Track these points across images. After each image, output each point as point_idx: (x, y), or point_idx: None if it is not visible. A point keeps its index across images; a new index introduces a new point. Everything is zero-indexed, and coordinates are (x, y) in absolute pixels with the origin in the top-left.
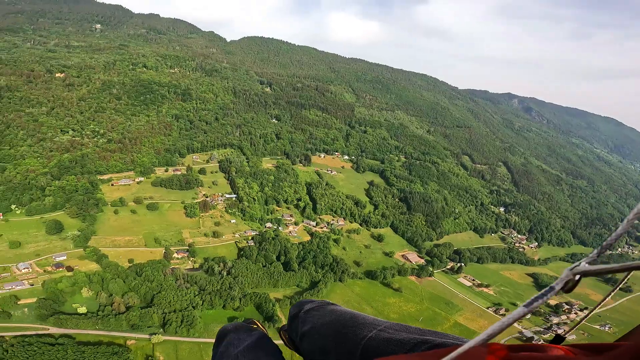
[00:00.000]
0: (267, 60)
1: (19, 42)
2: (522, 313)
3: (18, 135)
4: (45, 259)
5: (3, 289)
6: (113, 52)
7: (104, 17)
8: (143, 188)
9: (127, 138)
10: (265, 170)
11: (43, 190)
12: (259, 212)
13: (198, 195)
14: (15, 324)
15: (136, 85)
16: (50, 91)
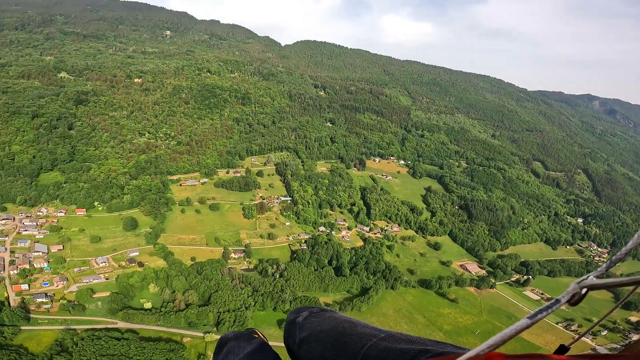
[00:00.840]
0: (320, 63)
1: (102, 48)
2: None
3: (102, 137)
4: (121, 254)
5: (81, 282)
6: (181, 57)
7: (173, 24)
8: (207, 189)
9: (194, 141)
10: (320, 173)
11: (122, 189)
12: (312, 215)
13: (255, 197)
14: (88, 317)
15: (202, 89)
16: (129, 96)
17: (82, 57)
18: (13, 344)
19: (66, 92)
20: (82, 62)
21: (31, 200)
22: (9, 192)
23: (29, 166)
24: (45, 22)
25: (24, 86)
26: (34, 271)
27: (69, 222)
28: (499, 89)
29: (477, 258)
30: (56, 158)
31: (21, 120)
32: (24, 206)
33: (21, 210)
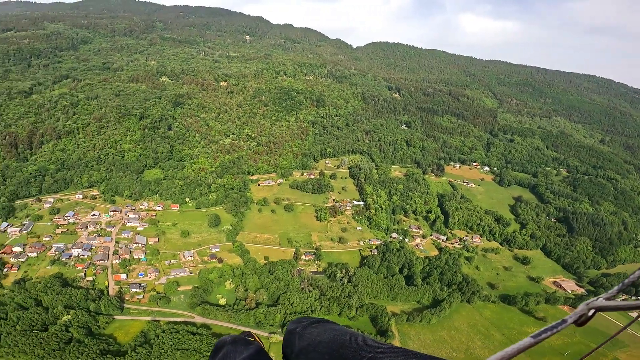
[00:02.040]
0: (393, 65)
1: (194, 53)
2: (528, 344)
3: (195, 137)
4: (204, 249)
5: (170, 274)
6: (260, 61)
7: (251, 29)
8: (282, 189)
9: (272, 142)
10: (394, 178)
11: (209, 187)
12: (385, 221)
13: (328, 199)
14: (171, 310)
15: (279, 92)
16: (217, 98)
17: (178, 61)
18: (105, 333)
19: (166, 95)
20: (178, 67)
21: (136, 194)
22: (118, 187)
23: (136, 163)
24: (148, 28)
25: (133, 89)
26: (132, 261)
27: (165, 216)
28: (608, 89)
29: (575, 275)
30: (157, 156)
31: (130, 121)
32: (130, 200)
33: (127, 203)
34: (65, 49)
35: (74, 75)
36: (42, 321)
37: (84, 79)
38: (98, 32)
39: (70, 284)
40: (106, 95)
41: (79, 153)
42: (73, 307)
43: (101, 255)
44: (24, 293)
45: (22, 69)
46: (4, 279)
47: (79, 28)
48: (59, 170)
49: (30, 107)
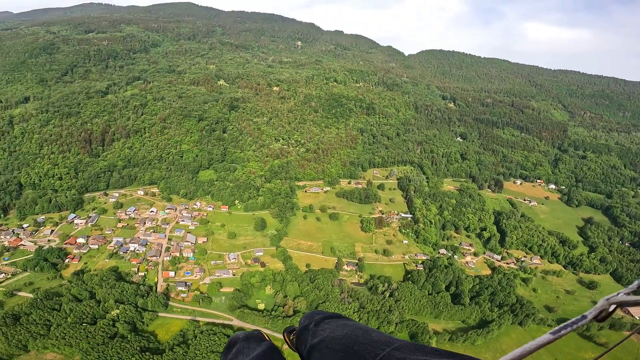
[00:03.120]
0: (448, 73)
1: (249, 57)
2: (547, 340)
3: (247, 141)
4: (249, 252)
5: (214, 275)
6: (311, 67)
7: (303, 35)
8: (328, 197)
9: (321, 149)
10: (446, 192)
11: (258, 191)
12: (434, 236)
13: (375, 210)
14: (211, 311)
15: (329, 98)
16: (269, 103)
17: (234, 66)
18: (147, 330)
19: (223, 98)
20: (235, 71)
21: (190, 193)
22: (176, 185)
23: (192, 163)
24: (209, 33)
25: (194, 92)
26: (181, 260)
27: (214, 216)
28: None
29: None
30: (212, 158)
31: (190, 123)
32: (184, 199)
33: (182, 202)
34: (138, 51)
35: (144, 77)
36: (92, 314)
37: (153, 81)
38: (166, 35)
39: (123, 278)
40: (171, 97)
41: (144, 151)
42: (123, 302)
43: (154, 252)
44: (80, 285)
45: (101, 69)
46: (65, 269)
47: (150, 31)
48: (125, 167)
49: (105, 107)
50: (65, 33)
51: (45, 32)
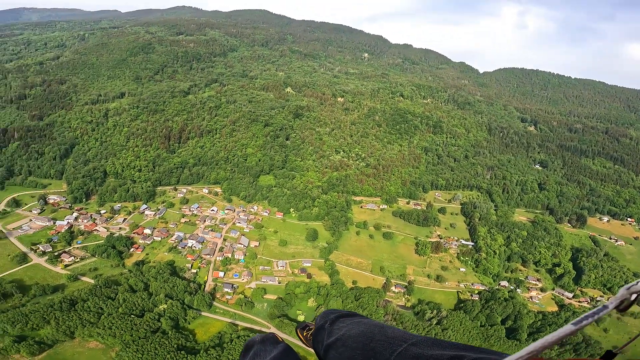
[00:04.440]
0: (530, 94)
1: (316, 67)
2: (569, 331)
3: (308, 150)
4: (297, 262)
5: (260, 280)
6: (377, 80)
7: (370, 47)
8: (384, 216)
9: (381, 165)
10: (517, 223)
11: (313, 201)
12: (496, 267)
13: (432, 234)
14: (251, 316)
15: (394, 113)
16: (333, 113)
17: (302, 74)
18: (188, 328)
19: (289, 105)
20: (302, 79)
21: (249, 197)
22: (237, 187)
23: (255, 167)
24: (280, 40)
25: (263, 97)
26: (232, 261)
27: (269, 222)
28: None
29: None
30: (273, 164)
31: (257, 127)
32: (243, 201)
33: (240, 204)
34: (218, 54)
35: (221, 80)
36: (142, 306)
37: (228, 84)
38: (243, 41)
39: (177, 273)
40: (242, 101)
41: (213, 151)
42: (172, 297)
43: (209, 250)
44: (138, 275)
45: (185, 70)
46: (128, 258)
47: (230, 36)
48: (195, 165)
49: (185, 106)
50: (160, 34)
51: (145, 32)
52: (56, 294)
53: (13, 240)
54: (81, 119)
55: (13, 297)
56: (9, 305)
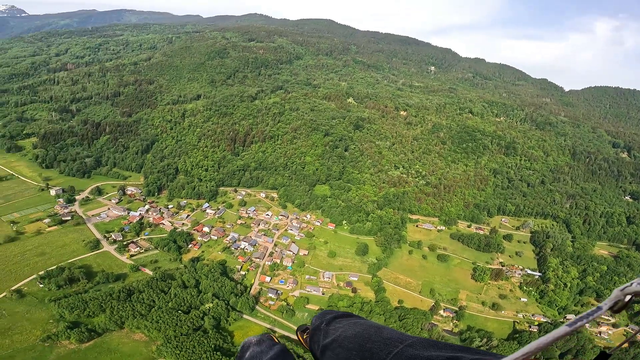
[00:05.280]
0: (625, 116)
1: (379, 78)
2: (564, 332)
3: (366, 163)
4: (343, 275)
5: (305, 289)
6: (444, 94)
7: (437, 60)
8: (441, 237)
9: (443, 184)
10: (596, 256)
11: (367, 215)
12: (565, 299)
13: (493, 261)
14: (290, 324)
15: (461, 131)
16: (394, 127)
17: (364, 85)
18: (228, 329)
19: (350, 116)
20: (364, 90)
21: (303, 205)
22: (292, 194)
23: (312, 176)
24: (344, 50)
25: (325, 107)
26: (280, 267)
27: (320, 232)
28: None
29: None
30: (330, 174)
31: (317, 136)
32: (297, 209)
33: (294, 211)
34: (284, 62)
35: (285, 87)
36: (190, 303)
37: (292, 92)
38: (308, 49)
39: (227, 274)
40: (304, 109)
41: (273, 157)
42: (218, 297)
43: (259, 254)
44: (192, 272)
45: (254, 76)
46: (186, 253)
47: (296, 44)
48: (256, 169)
49: (251, 111)
50: (234, 40)
51: (222, 37)
52: (117, 282)
53: (90, 226)
54: (162, 118)
55: (79, 283)
56: (73, 290)
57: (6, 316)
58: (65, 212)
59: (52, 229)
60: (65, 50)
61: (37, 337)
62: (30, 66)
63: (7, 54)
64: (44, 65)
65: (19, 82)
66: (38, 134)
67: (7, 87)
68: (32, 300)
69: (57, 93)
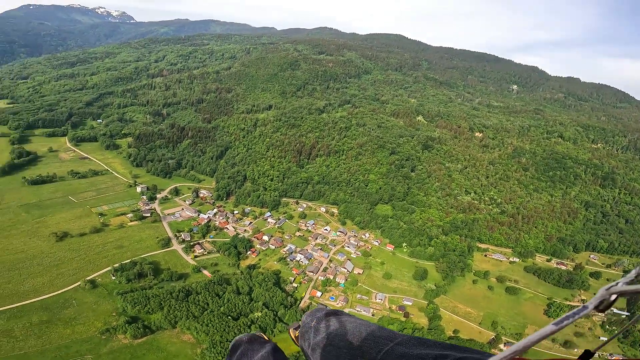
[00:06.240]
0: None
1: (453, 96)
2: (550, 331)
3: (433, 186)
4: (397, 298)
5: (354, 308)
6: (528, 116)
7: (521, 78)
8: (512, 269)
9: (521, 214)
10: None
11: (430, 240)
12: None
13: (574, 298)
14: None
15: (547, 157)
16: (468, 149)
17: (436, 103)
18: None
19: (419, 135)
20: (435, 108)
21: (363, 223)
22: (353, 211)
23: (374, 195)
24: (414, 66)
25: (392, 124)
26: (332, 283)
27: (377, 252)
28: None
29: None
30: (394, 194)
31: (382, 154)
32: (356, 226)
33: (353, 229)
34: (353, 76)
35: (353, 101)
36: (240, 310)
37: (359, 107)
38: (377, 64)
39: (279, 284)
40: (371, 125)
41: (336, 172)
42: (268, 307)
43: (313, 268)
44: (247, 279)
45: (323, 89)
46: (244, 260)
47: (365, 58)
48: (318, 183)
49: (318, 124)
50: (305, 52)
51: (294, 49)
52: (179, 282)
53: (165, 224)
54: (237, 126)
55: (146, 278)
56: (140, 285)
57: (75, 306)
58: (146, 208)
59: (132, 223)
60: (163, 57)
61: (97, 329)
62: (133, 71)
63: (116, 58)
64: (144, 71)
65: (123, 85)
66: (133, 135)
67: (114, 89)
68: (102, 291)
69: (153, 97)
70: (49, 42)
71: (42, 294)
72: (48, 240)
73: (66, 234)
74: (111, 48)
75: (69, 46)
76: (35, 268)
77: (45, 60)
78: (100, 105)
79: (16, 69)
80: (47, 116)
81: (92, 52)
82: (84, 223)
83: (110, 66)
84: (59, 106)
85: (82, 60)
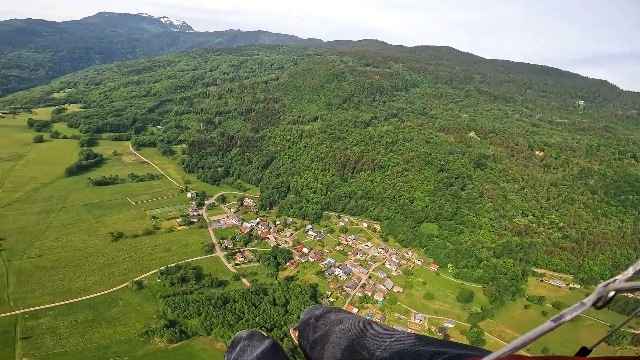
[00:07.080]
0: None
1: (509, 111)
2: (549, 328)
3: (485, 206)
4: (438, 319)
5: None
6: (596, 134)
7: (588, 93)
8: (572, 295)
9: (586, 240)
10: None
11: (479, 262)
12: None
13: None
14: None
15: (619, 179)
16: (526, 169)
17: (490, 118)
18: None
19: (470, 152)
20: (489, 124)
21: (406, 241)
22: (396, 229)
23: (420, 213)
24: (466, 79)
25: (441, 139)
26: (370, 300)
27: (420, 271)
28: None
29: None
30: (441, 213)
31: (430, 171)
32: (399, 244)
33: (395, 246)
34: (400, 89)
35: (400, 115)
36: (275, 321)
37: (407, 121)
38: (425, 77)
39: (316, 298)
40: (419, 140)
41: (381, 188)
42: None
43: (352, 283)
44: (284, 290)
45: (369, 102)
46: (282, 270)
47: (413, 71)
48: (362, 198)
49: (364, 137)
50: (351, 64)
51: (340, 61)
52: (218, 288)
53: (210, 230)
54: (283, 137)
55: (188, 283)
56: (182, 289)
57: (120, 306)
58: (194, 214)
59: (181, 228)
60: (217, 67)
61: (137, 331)
62: (190, 79)
63: (176, 67)
64: (200, 79)
65: (181, 93)
66: (187, 141)
67: (172, 97)
68: (147, 293)
69: (207, 106)
70: (120, 49)
71: (92, 293)
72: (105, 239)
73: (121, 234)
74: (172, 57)
75: (137, 54)
76: (89, 266)
77: (116, 67)
78: (160, 112)
79: (90, 74)
80: (115, 121)
81: (156, 60)
82: (138, 225)
83: (171, 74)
84: (125, 112)
85: (148, 68)
